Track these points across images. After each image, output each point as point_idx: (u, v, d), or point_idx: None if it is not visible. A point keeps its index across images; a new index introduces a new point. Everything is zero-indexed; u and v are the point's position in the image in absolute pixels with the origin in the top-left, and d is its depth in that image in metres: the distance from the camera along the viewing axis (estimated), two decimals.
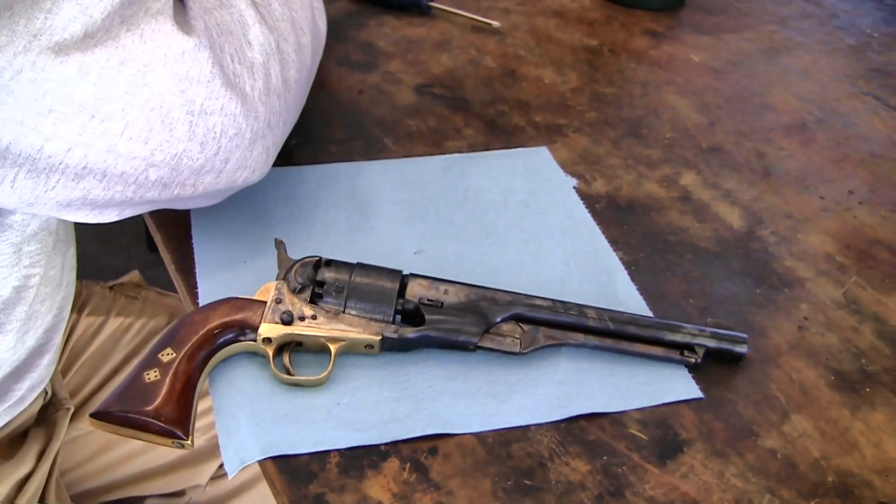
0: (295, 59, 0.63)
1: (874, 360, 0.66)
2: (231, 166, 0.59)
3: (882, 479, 0.57)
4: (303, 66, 0.65)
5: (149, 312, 0.93)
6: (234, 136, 0.57)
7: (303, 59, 0.65)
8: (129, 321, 0.91)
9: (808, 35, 1.15)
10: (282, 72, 0.61)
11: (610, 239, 0.75)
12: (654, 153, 0.87)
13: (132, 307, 0.93)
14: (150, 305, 0.95)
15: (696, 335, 0.63)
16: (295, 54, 0.63)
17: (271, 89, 0.59)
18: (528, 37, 1.08)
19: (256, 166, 0.61)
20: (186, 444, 0.56)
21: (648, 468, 0.56)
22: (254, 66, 0.58)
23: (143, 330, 0.91)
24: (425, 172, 0.81)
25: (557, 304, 0.63)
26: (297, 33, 0.64)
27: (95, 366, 0.88)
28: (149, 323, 0.92)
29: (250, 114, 0.57)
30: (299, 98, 0.66)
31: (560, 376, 0.62)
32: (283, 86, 0.61)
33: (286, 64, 0.62)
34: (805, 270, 0.74)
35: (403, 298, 0.62)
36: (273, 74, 0.60)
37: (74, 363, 0.88)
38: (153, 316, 0.93)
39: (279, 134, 0.63)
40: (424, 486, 0.54)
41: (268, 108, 0.59)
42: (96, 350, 0.89)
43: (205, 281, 0.67)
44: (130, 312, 0.92)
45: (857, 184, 0.86)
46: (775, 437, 0.59)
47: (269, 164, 0.63)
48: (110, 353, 0.89)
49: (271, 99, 0.60)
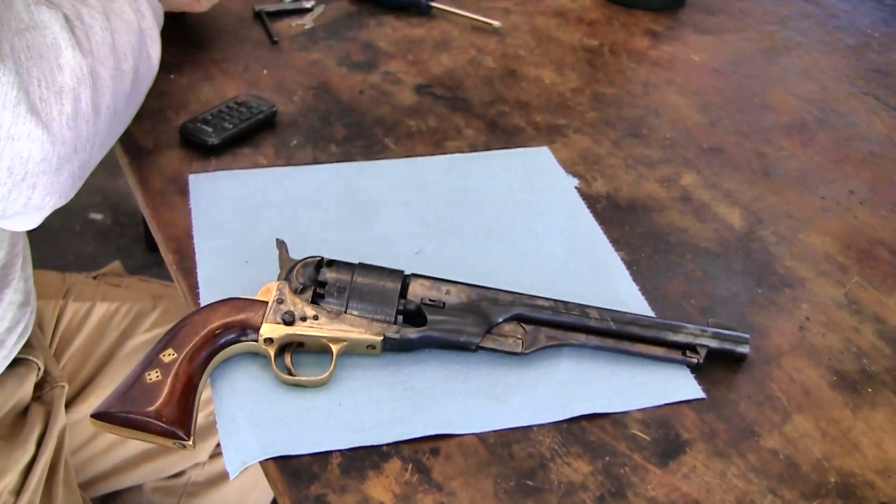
0: (111, 84, 0.64)
1: (875, 360, 0.66)
2: (39, 192, 0.59)
3: (884, 480, 0.57)
4: (119, 91, 0.65)
5: (132, 297, 0.94)
6: (41, 162, 0.57)
7: (120, 84, 0.65)
8: (116, 305, 0.92)
9: (808, 35, 1.15)
10: (93, 97, 0.61)
11: (610, 239, 0.75)
12: (654, 153, 0.87)
13: (116, 293, 0.94)
14: (133, 291, 0.96)
15: (698, 335, 0.63)
16: (111, 80, 0.64)
17: (80, 114, 0.60)
18: (528, 37, 1.07)
19: (63, 191, 0.61)
20: (188, 445, 0.56)
21: (650, 469, 0.56)
22: (62, 91, 0.58)
23: (130, 312, 0.92)
24: (426, 173, 0.81)
25: (559, 304, 0.63)
26: (117, 58, 0.65)
27: (89, 349, 0.89)
28: (135, 306, 0.93)
29: (57, 139, 0.58)
30: (113, 123, 0.66)
31: (561, 377, 0.62)
32: (94, 111, 0.61)
33: (100, 89, 0.62)
34: (806, 271, 0.74)
35: (405, 299, 0.62)
36: (83, 99, 0.60)
37: (68, 348, 0.89)
38: (137, 300, 0.94)
39: (86, 159, 0.62)
40: (426, 486, 0.54)
41: (75, 134, 0.60)
42: (88, 334, 0.90)
43: (206, 281, 0.67)
44: (115, 297, 0.93)
45: (857, 184, 0.86)
46: (777, 438, 0.59)
47: (75, 187, 0.63)
48: (102, 336, 0.90)
49: (79, 124, 0.60)
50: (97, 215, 2.16)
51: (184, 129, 0.81)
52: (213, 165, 0.79)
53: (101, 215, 2.16)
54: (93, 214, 2.15)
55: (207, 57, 0.96)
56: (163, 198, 0.75)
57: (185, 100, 0.88)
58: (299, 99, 0.90)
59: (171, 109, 0.86)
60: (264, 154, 0.82)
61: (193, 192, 0.75)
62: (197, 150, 0.80)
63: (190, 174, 0.77)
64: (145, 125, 0.83)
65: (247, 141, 0.83)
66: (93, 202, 2.19)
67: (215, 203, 0.74)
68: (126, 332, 0.91)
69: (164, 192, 0.76)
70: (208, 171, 0.78)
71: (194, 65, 0.94)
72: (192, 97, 0.88)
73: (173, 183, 0.77)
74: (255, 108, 0.84)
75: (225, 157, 0.80)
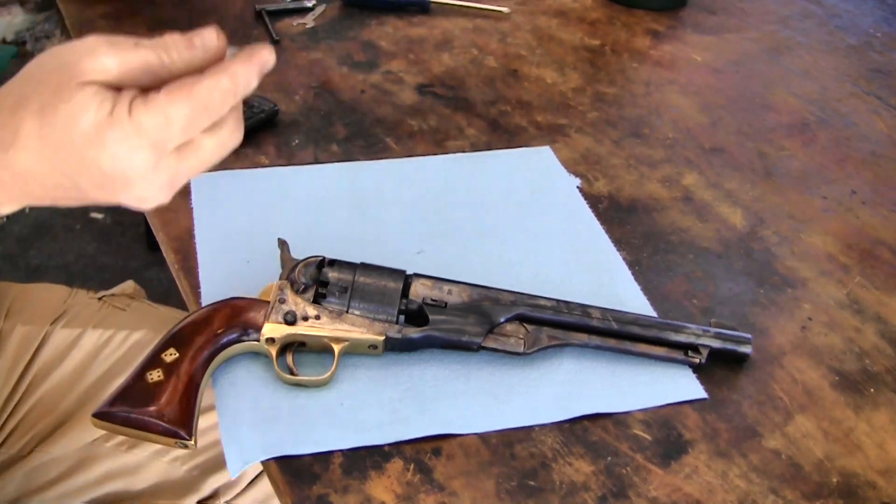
0: None
1: (877, 360, 0.66)
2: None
3: (886, 480, 0.57)
4: None
5: (133, 324, 0.85)
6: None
7: None
8: (109, 334, 0.83)
9: (809, 35, 1.14)
10: None
11: (612, 239, 0.75)
12: (655, 153, 0.87)
13: (116, 318, 0.86)
14: (137, 316, 0.87)
15: (700, 335, 0.63)
16: None
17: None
18: (529, 36, 1.07)
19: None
20: (190, 445, 0.56)
21: (652, 469, 0.56)
22: None
23: (125, 342, 0.83)
24: (427, 172, 0.81)
25: (561, 304, 0.63)
26: None
27: (71, 382, 0.81)
28: (131, 335, 0.84)
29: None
30: None
31: (563, 376, 0.62)
32: None
33: None
34: (807, 271, 0.74)
35: (407, 298, 0.61)
36: None
37: (45, 379, 0.80)
38: (137, 328, 0.85)
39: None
40: (428, 486, 0.54)
41: None
42: (73, 365, 0.82)
43: (207, 281, 0.67)
44: (112, 324, 0.84)
45: (859, 184, 0.86)
46: (779, 438, 0.59)
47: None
48: (87, 369, 0.82)
49: None
50: (98, 214, 2.15)
51: None
52: (214, 165, 0.79)
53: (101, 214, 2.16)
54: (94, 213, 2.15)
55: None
56: None
57: None
58: (301, 98, 0.90)
59: None
60: (266, 153, 0.82)
61: (195, 191, 0.75)
62: None
63: None
64: None
65: (248, 140, 0.82)
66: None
67: (217, 202, 0.74)
68: (115, 366, 0.82)
69: None
70: (210, 171, 0.78)
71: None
72: None
73: None
74: (257, 107, 0.84)
75: (226, 157, 0.80)
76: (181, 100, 0.45)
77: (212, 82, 0.46)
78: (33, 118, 0.45)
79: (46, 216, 2.13)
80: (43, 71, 0.46)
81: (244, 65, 0.47)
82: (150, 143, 0.46)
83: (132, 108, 0.45)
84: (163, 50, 0.46)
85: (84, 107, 0.44)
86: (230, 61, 0.47)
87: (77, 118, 0.44)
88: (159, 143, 0.46)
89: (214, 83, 0.46)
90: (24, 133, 0.45)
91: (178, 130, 0.46)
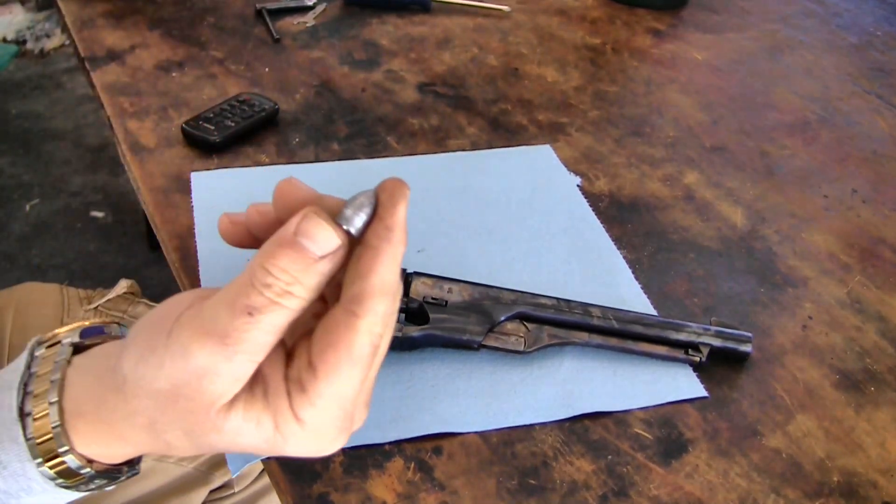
0: None
1: (878, 359, 0.66)
2: None
3: (887, 479, 0.57)
4: None
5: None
6: None
7: None
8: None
9: (810, 34, 1.14)
10: None
11: (613, 238, 0.75)
12: (656, 152, 0.87)
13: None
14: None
15: (700, 334, 0.62)
16: None
17: None
18: (530, 35, 1.07)
19: None
20: None
21: (653, 468, 0.56)
22: None
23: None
24: (428, 171, 0.81)
25: (562, 302, 0.63)
26: None
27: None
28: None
29: None
30: None
31: (564, 375, 0.62)
32: None
33: None
34: (808, 270, 0.74)
35: (407, 297, 0.61)
36: None
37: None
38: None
39: None
40: (428, 485, 0.54)
41: None
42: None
43: (208, 280, 0.66)
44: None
45: (860, 183, 0.86)
46: (780, 437, 0.59)
47: None
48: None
49: None
50: (98, 213, 2.16)
51: (186, 127, 0.81)
52: (215, 163, 0.79)
53: (102, 213, 2.16)
54: (94, 212, 2.16)
55: (209, 55, 0.95)
56: (165, 196, 0.75)
57: (186, 98, 0.88)
58: (301, 97, 0.90)
59: (173, 108, 0.86)
60: (266, 152, 0.82)
61: (196, 190, 0.75)
62: (199, 148, 0.80)
63: (192, 172, 0.77)
64: (147, 123, 0.83)
65: (249, 139, 0.82)
66: (94, 200, 2.19)
67: (218, 201, 0.74)
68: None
69: (166, 190, 0.76)
70: (210, 169, 0.78)
71: (196, 63, 0.94)
72: (194, 95, 0.88)
73: (175, 181, 0.76)
74: (258, 106, 0.84)
75: (227, 156, 0.80)
76: (344, 364, 0.37)
77: (365, 324, 0.37)
78: (185, 439, 0.38)
79: (47, 215, 2.13)
80: (161, 394, 0.37)
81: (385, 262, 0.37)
82: (335, 429, 0.39)
83: (295, 408, 0.37)
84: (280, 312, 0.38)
85: (240, 433, 0.37)
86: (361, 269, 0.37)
87: (243, 444, 0.38)
88: (342, 419, 0.39)
89: (368, 325, 0.37)
90: (176, 447, 0.39)
91: (353, 399, 0.38)
